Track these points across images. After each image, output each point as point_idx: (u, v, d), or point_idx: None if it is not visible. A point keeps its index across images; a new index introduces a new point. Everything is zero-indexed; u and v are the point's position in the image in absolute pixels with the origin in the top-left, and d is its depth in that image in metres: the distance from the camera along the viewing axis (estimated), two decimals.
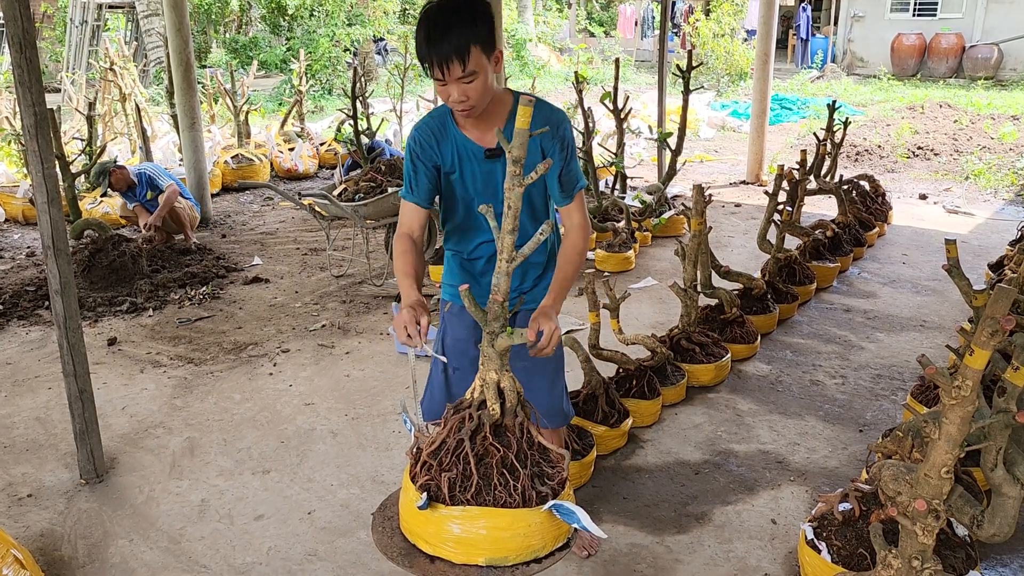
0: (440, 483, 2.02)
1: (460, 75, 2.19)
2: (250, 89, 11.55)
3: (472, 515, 1.99)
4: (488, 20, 2.21)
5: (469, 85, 2.22)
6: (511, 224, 1.98)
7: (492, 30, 2.22)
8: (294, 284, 6.29)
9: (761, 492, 3.45)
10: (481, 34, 2.18)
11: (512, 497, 2.01)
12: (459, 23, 2.16)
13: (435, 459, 2.07)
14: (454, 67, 2.18)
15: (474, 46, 2.17)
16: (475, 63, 2.19)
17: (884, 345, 4.97)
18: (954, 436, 2.07)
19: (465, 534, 1.99)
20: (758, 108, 9.60)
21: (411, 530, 2.09)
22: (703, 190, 4.30)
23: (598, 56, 21.37)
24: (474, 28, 2.17)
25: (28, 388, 4.54)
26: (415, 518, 2.05)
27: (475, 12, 2.19)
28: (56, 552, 3.12)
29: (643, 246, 6.99)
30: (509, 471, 2.04)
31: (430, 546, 2.03)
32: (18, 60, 3.09)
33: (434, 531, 2.02)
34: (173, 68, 8.13)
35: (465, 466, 2.04)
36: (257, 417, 4.17)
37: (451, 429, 2.09)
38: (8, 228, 8.16)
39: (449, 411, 2.14)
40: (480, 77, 2.22)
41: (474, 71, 2.20)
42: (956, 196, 8.91)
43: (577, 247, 2.45)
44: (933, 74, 18.52)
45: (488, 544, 2.00)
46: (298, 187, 9.75)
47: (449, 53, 2.16)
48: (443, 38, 2.15)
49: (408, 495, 2.08)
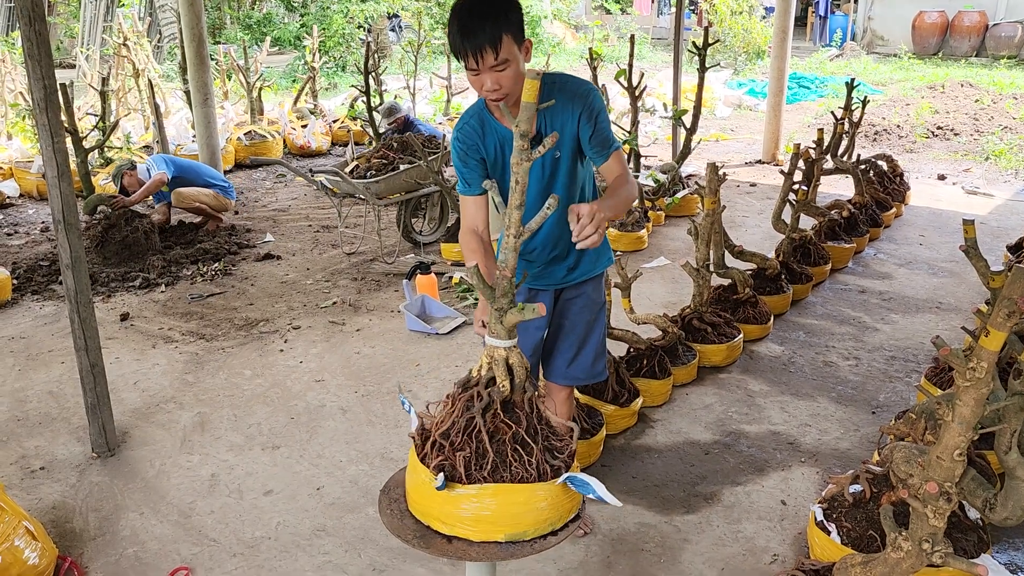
0: (455, 462, 2.00)
1: (493, 63, 2.29)
2: (263, 65, 11.52)
3: (490, 492, 1.98)
4: (518, 11, 2.33)
5: (502, 73, 2.32)
6: (518, 199, 1.96)
7: (522, 21, 2.35)
8: (306, 261, 6.29)
9: (771, 473, 3.43)
10: (512, 24, 2.29)
11: (528, 472, 2.01)
12: (492, 14, 2.26)
13: (446, 439, 2.05)
14: (487, 56, 2.28)
15: (506, 35, 2.28)
16: (507, 51, 2.29)
17: (899, 327, 4.92)
18: (968, 418, 2.03)
19: (485, 512, 1.98)
20: (775, 87, 9.48)
21: (424, 511, 2.06)
22: (717, 169, 4.24)
23: (614, 33, 21.16)
24: (507, 18, 2.28)
25: (41, 362, 4.57)
26: (429, 499, 2.03)
27: (507, 4, 2.30)
28: (68, 524, 3.15)
29: (656, 225, 6.94)
30: (522, 446, 2.04)
31: (447, 526, 2.01)
32: (27, 33, 3.08)
33: (451, 511, 2.00)
34: (186, 44, 8.11)
35: (479, 444, 2.02)
36: (267, 393, 4.18)
37: (461, 408, 2.07)
38: (23, 203, 8.20)
39: (456, 390, 2.13)
40: (512, 65, 2.32)
41: (507, 59, 2.30)
42: (975, 177, 8.78)
43: (622, 181, 2.50)
44: (955, 53, 18.21)
45: (507, 520, 2.00)
46: (311, 164, 9.74)
47: (483, 43, 2.26)
48: (478, 28, 2.26)
49: (418, 476, 2.05)
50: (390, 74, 13.81)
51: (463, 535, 2.01)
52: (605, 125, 2.52)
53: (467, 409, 2.06)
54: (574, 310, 2.82)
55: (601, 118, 2.51)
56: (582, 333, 2.87)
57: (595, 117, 2.48)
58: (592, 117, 2.48)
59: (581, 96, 2.46)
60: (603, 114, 2.52)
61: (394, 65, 14.85)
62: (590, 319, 2.87)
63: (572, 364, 2.89)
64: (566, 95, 2.45)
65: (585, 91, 2.47)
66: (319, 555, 2.96)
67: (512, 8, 2.30)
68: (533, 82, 1.91)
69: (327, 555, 2.95)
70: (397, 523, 2.10)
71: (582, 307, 2.83)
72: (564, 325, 2.88)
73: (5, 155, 9.03)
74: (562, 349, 2.90)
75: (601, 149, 2.52)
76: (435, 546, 2.01)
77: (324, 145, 10.50)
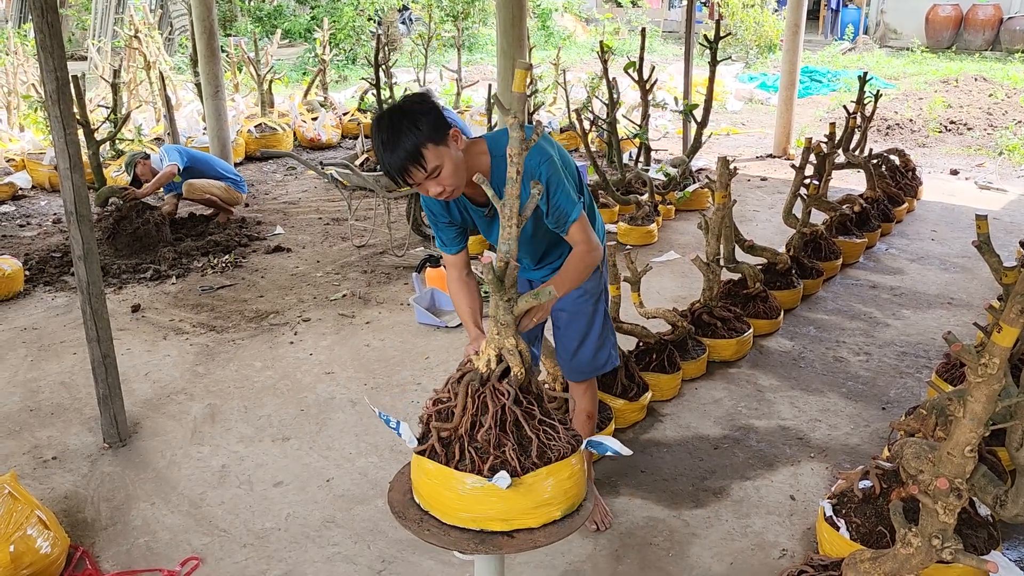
0: (505, 457, 2.01)
1: (426, 175, 2.27)
2: (274, 58, 11.52)
3: (544, 475, 2.02)
4: (429, 114, 2.25)
5: (439, 177, 2.28)
6: (516, 190, 2.00)
7: (437, 119, 2.26)
8: (316, 254, 6.31)
9: (780, 468, 3.43)
10: (427, 132, 2.23)
11: (565, 446, 2.07)
12: (403, 131, 2.22)
13: (474, 439, 2.04)
14: (416, 173, 2.26)
15: (424, 148, 2.22)
16: (433, 159, 2.25)
17: (910, 322, 4.90)
18: (979, 414, 2.02)
19: (544, 494, 2.02)
20: (787, 80, 9.42)
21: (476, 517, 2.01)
22: (728, 163, 4.23)
23: (624, 26, 21.05)
24: (417, 130, 2.22)
25: (54, 353, 4.60)
26: (481, 502, 1.99)
27: (413, 115, 2.24)
28: (80, 514, 3.17)
29: (666, 219, 6.92)
30: (549, 426, 2.09)
31: (506, 522, 2.01)
32: (39, 24, 3.09)
33: (512, 505, 1.99)
34: (197, 36, 8.12)
35: (519, 433, 2.06)
36: (277, 385, 4.20)
37: (481, 405, 2.07)
38: (35, 195, 8.24)
39: (467, 388, 2.10)
40: (445, 166, 2.27)
41: (436, 166, 2.26)
42: (989, 172, 8.71)
43: (573, 262, 2.47)
44: (969, 47, 18.04)
45: (561, 497, 2.05)
46: (321, 157, 9.74)
47: (404, 162, 2.23)
48: (394, 151, 2.23)
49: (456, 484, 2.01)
50: (400, 67, 13.80)
51: (524, 525, 2.02)
52: (559, 199, 2.40)
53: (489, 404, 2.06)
54: (568, 300, 2.80)
55: (554, 193, 2.39)
56: (583, 326, 2.88)
57: (547, 195, 2.39)
58: (543, 195, 2.38)
59: (529, 176, 2.33)
60: (555, 187, 2.39)
61: (404, 58, 14.84)
62: (589, 311, 2.87)
63: (575, 357, 2.91)
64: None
65: (532, 169, 2.35)
66: (328, 546, 2.97)
67: (421, 116, 2.23)
68: (522, 72, 1.96)
69: (336, 546, 2.97)
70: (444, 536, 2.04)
71: (577, 297, 2.81)
72: (563, 317, 2.89)
73: (18, 147, 9.08)
74: (565, 342, 2.92)
75: (557, 225, 2.47)
76: (506, 545, 2.00)
77: (334, 138, 10.51)
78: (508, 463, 2.00)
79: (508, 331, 2.09)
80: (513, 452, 2.01)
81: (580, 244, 2.46)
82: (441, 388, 2.22)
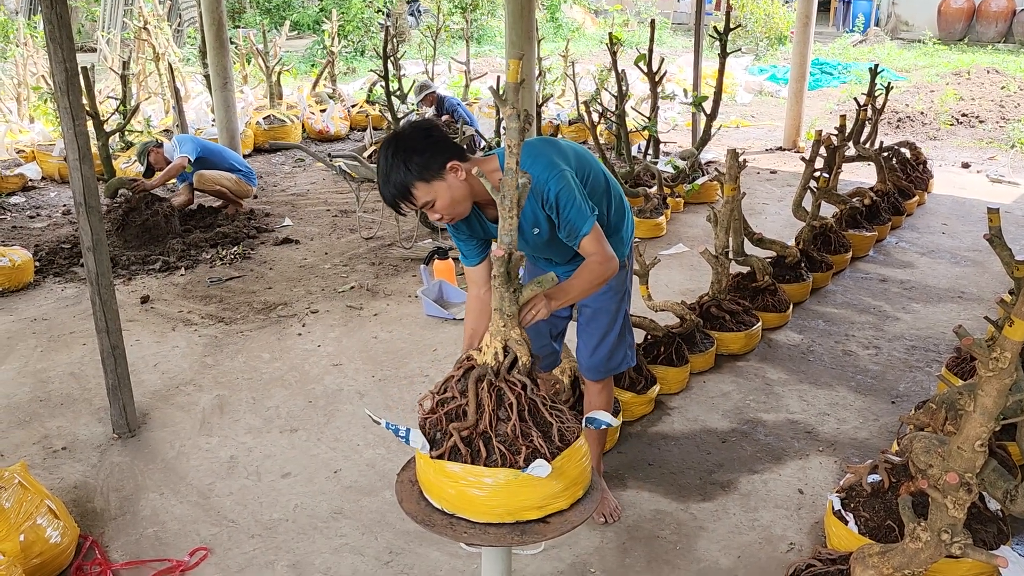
0: (536, 446, 2.02)
1: (417, 208, 2.35)
2: (282, 50, 11.53)
3: (567, 458, 2.05)
4: (422, 151, 2.27)
5: (435, 207, 2.33)
6: (515, 181, 2.01)
7: (431, 156, 2.27)
8: (324, 245, 6.31)
9: (788, 462, 3.42)
10: (417, 171, 2.26)
11: (575, 428, 2.11)
12: (394, 167, 2.27)
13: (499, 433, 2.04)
14: (407, 206, 2.34)
15: (413, 187, 2.28)
16: (424, 195, 2.30)
17: (920, 316, 4.87)
18: (989, 409, 2.01)
19: (573, 475, 2.06)
20: (797, 72, 9.37)
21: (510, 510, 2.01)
22: (737, 155, 4.21)
23: (634, 18, 20.98)
24: (407, 170, 2.26)
25: (63, 343, 4.62)
26: (514, 496, 1.99)
27: (406, 152, 2.26)
28: (89, 504, 3.19)
29: (675, 212, 6.89)
30: (557, 410, 2.12)
31: (540, 510, 2.02)
32: (48, 16, 3.09)
33: (545, 492, 2.01)
34: (206, 28, 8.12)
35: (538, 418, 2.08)
36: (286, 377, 4.20)
37: (495, 398, 2.06)
38: (45, 186, 8.27)
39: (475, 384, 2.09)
40: (439, 199, 2.31)
41: (428, 201, 2.31)
42: (1000, 165, 8.65)
43: (589, 268, 2.42)
44: (981, 39, 17.89)
45: (581, 476, 2.09)
46: (329, 148, 9.74)
47: (394, 198, 2.32)
48: (386, 185, 2.30)
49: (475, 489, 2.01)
50: (409, 59, 13.80)
51: (556, 508, 2.04)
52: (569, 213, 2.38)
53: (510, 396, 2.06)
54: (593, 296, 2.70)
55: (564, 208, 2.38)
56: (605, 323, 2.87)
57: (556, 210, 2.39)
58: (554, 210, 2.40)
59: (538, 193, 2.38)
60: (564, 199, 2.37)
61: (413, 50, 14.83)
62: (613, 308, 2.85)
63: (594, 354, 2.91)
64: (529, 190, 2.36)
65: (539, 185, 2.36)
66: (336, 537, 2.98)
67: (413, 154, 2.25)
68: (515, 62, 2.00)
69: (344, 537, 2.98)
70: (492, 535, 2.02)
71: (603, 293, 2.75)
72: (586, 313, 2.88)
73: (27, 138, 9.10)
74: (585, 338, 2.92)
75: (570, 238, 2.46)
76: (547, 531, 2.02)
77: (343, 130, 10.50)
78: (540, 451, 2.01)
79: (513, 322, 2.10)
80: (540, 440, 2.02)
81: (593, 256, 2.43)
82: (437, 388, 2.18)
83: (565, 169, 2.41)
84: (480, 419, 2.05)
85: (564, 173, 2.39)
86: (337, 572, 2.81)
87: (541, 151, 2.42)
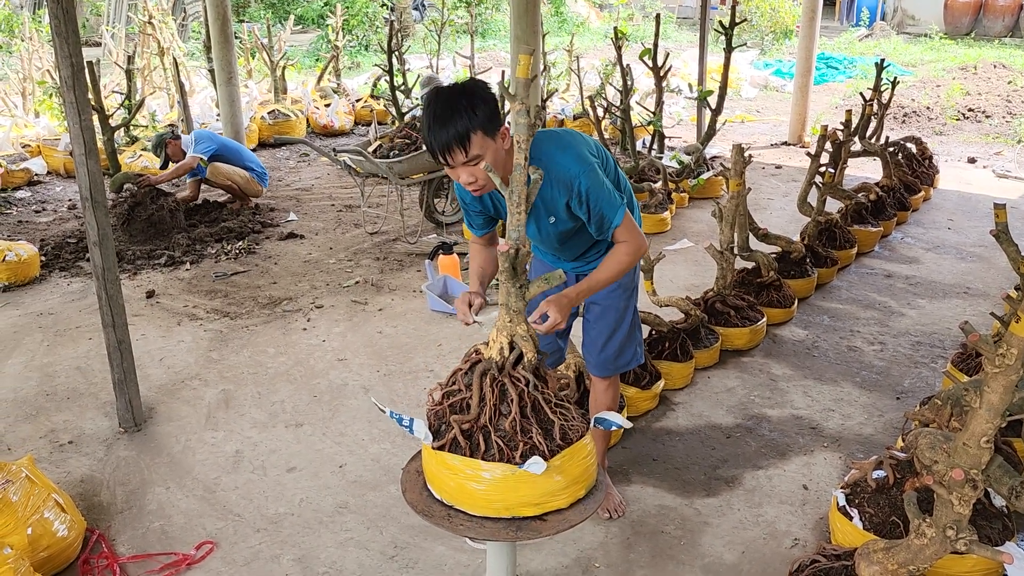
0: (535, 443, 2.02)
1: (464, 160, 2.25)
2: (287, 44, 11.51)
3: (567, 457, 2.05)
4: (489, 103, 2.25)
5: (476, 167, 2.27)
6: (523, 176, 2.01)
7: (494, 111, 2.26)
8: (329, 240, 6.32)
9: (793, 457, 3.42)
10: (481, 120, 2.22)
11: (580, 427, 2.10)
12: (459, 111, 2.20)
13: (498, 428, 2.04)
14: (457, 155, 2.24)
15: (474, 133, 2.22)
16: (478, 147, 2.24)
17: (925, 312, 4.87)
18: (996, 405, 2.01)
19: (574, 474, 2.05)
20: (803, 67, 9.33)
21: (506, 505, 2.02)
22: (743, 150, 4.20)
23: (639, 12, 20.92)
24: (473, 115, 2.21)
25: (69, 338, 4.64)
26: (512, 490, 2.00)
27: (473, 99, 2.22)
28: (96, 497, 3.20)
29: (680, 207, 6.88)
30: (563, 409, 2.11)
31: (538, 507, 2.02)
32: (54, 10, 3.09)
33: (543, 490, 2.01)
34: (210, 22, 8.12)
35: (541, 415, 2.07)
36: (291, 371, 4.21)
37: (499, 393, 2.07)
38: (50, 180, 8.28)
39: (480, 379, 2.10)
40: (486, 157, 2.26)
41: (478, 155, 2.25)
42: (1007, 160, 8.62)
43: (617, 257, 2.50)
44: (988, 33, 17.81)
45: (583, 475, 2.08)
46: (334, 143, 9.74)
47: (450, 141, 2.22)
48: (444, 128, 2.21)
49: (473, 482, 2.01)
50: (413, 53, 13.77)
51: (555, 507, 2.04)
52: (601, 205, 2.41)
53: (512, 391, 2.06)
54: (602, 293, 2.69)
55: (594, 200, 2.40)
56: (613, 320, 2.85)
57: (586, 202, 2.40)
58: (583, 202, 2.40)
59: (566, 185, 2.39)
60: (595, 194, 2.40)
61: (417, 44, 14.79)
62: (622, 306, 2.84)
63: (602, 351, 2.90)
64: (552, 179, 2.38)
65: (570, 179, 2.37)
66: (341, 532, 2.99)
67: (481, 103, 2.22)
68: (526, 57, 1.99)
69: (349, 532, 2.99)
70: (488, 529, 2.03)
71: (611, 290, 2.75)
72: (595, 310, 2.87)
73: (33, 133, 9.11)
74: (593, 335, 2.90)
75: (600, 231, 2.49)
76: (544, 528, 2.02)
77: (347, 124, 10.50)
78: (537, 448, 2.01)
79: (520, 318, 2.09)
80: (539, 437, 2.02)
81: (624, 244, 2.48)
82: (446, 381, 2.20)
83: (594, 161, 2.44)
84: (482, 413, 2.06)
85: (594, 166, 2.42)
86: (342, 566, 2.82)
87: (569, 143, 2.45)
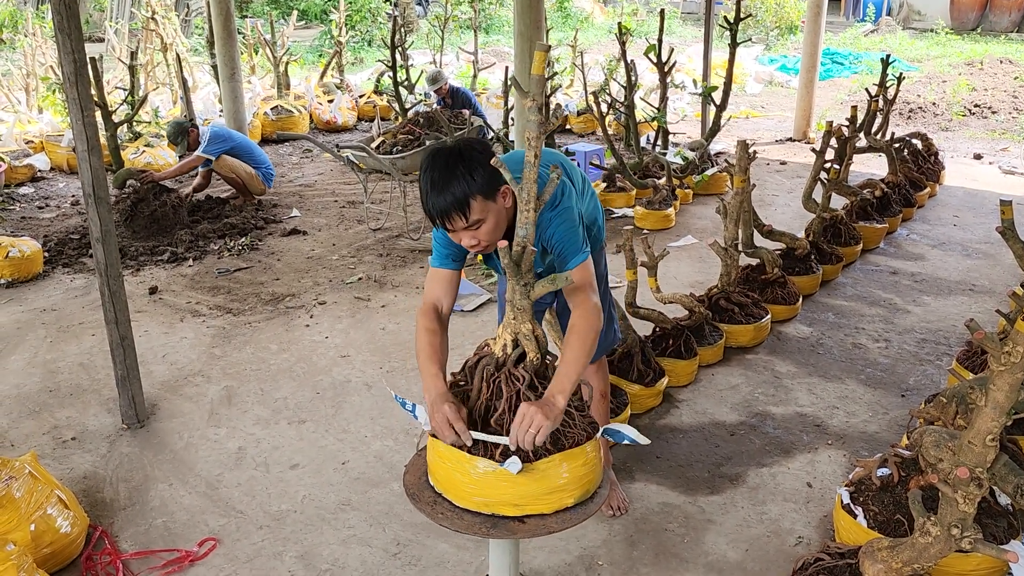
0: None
1: (465, 226, 2.16)
2: (290, 40, 11.52)
3: (557, 461, 2.01)
4: (487, 166, 2.13)
5: (478, 231, 2.18)
6: (534, 174, 1.99)
7: (493, 172, 2.13)
8: (331, 236, 6.31)
9: (797, 455, 3.41)
10: (480, 184, 2.12)
11: (580, 433, 2.06)
12: (457, 177, 2.10)
13: (488, 424, 2.05)
14: (457, 220, 2.15)
15: (474, 199, 2.12)
16: (478, 212, 2.14)
17: (931, 309, 4.85)
18: (1001, 403, 1.99)
19: (560, 480, 2.01)
20: (808, 63, 9.30)
21: (488, 501, 2.01)
22: (747, 146, 4.18)
23: (643, 8, 20.89)
24: (472, 180, 2.11)
25: (72, 334, 4.64)
26: (493, 487, 1.99)
27: (472, 163, 2.12)
28: (99, 494, 3.20)
29: (684, 203, 6.87)
30: (566, 414, 2.07)
31: (518, 508, 2.00)
32: (57, 6, 3.09)
33: (525, 491, 1.99)
34: (213, 18, 8.11)
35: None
36: (293, 368, 4.21)
37: (494, 390, 2.07)
38: (53, 176, 8.29)
39: (480, 373, 2.10)
40: (488, 221, 2.18)
41: (479, 219, 2.16)
42: (1013, 156, 8.58)
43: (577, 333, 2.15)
44: (994, 28, 17.74)
45: (574, 485, 2.04)
46: (337, 139, 9.74)
47: (449, 208, 2.12)
48: (441, 194, 2.12)
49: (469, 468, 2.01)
50: (417, 48, 13.74)
51: (536, 511, 2.01)
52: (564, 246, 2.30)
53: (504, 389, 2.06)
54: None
55: (557, 243, 2.30)
56: None
57: (551, 246, 2.32)
58: (549, 246, 2.32)
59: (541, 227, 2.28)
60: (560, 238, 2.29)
61: (421, 40, 14.77)
62: None
63: None
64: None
65: (545, 223, 2.28)
66: (344, 528, 2.98)
67: (478, 167, 2.12)
68: (541, 53, 1.94)
69: (352, 528, 2.98)
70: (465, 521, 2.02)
71: None
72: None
73: (36, 129, 9.12)
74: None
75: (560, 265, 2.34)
76: (519, 530, 2.00)
77: (350, 120, 10.50)
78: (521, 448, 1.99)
79: (524, 316, 2.07)
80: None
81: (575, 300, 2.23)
82: (458, 372, 2.22)
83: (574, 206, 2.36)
84: (477, 406, 2.07)
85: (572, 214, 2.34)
86: (345, 563, 2.81)
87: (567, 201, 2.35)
